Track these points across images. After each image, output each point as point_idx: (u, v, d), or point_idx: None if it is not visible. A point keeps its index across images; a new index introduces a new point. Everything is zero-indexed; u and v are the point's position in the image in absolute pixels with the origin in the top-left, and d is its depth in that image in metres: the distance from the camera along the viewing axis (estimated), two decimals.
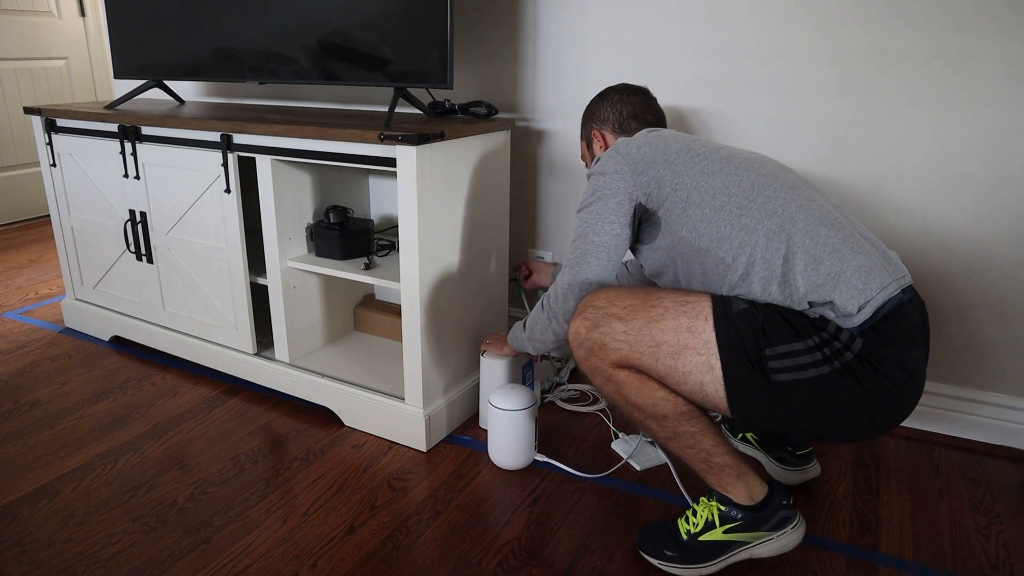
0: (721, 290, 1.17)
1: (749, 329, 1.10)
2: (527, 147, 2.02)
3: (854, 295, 1.07)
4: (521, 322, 1.50)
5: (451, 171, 1.60)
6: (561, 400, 1.87)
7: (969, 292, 1.63)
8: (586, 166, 1.57)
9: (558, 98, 1.93)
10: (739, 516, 1.24)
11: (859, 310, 1.07)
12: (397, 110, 2.14)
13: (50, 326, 2.36)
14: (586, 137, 1.54)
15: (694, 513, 1.28)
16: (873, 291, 1.08)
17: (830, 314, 1.09)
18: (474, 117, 1.80)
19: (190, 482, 1.53)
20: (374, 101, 2.19)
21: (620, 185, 1.25)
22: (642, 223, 1.28)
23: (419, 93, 2.06)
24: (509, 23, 1.94)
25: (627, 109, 1.46)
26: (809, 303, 1.10)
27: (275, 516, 1.42)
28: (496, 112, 1.81)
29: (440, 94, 2.07)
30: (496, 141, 1.75)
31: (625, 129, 1.46)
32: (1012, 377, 1.65)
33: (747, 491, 1.23)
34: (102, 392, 1.92)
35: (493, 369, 1.67)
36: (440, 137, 1.52)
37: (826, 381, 1.08)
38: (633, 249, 1.34)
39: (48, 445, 1.67)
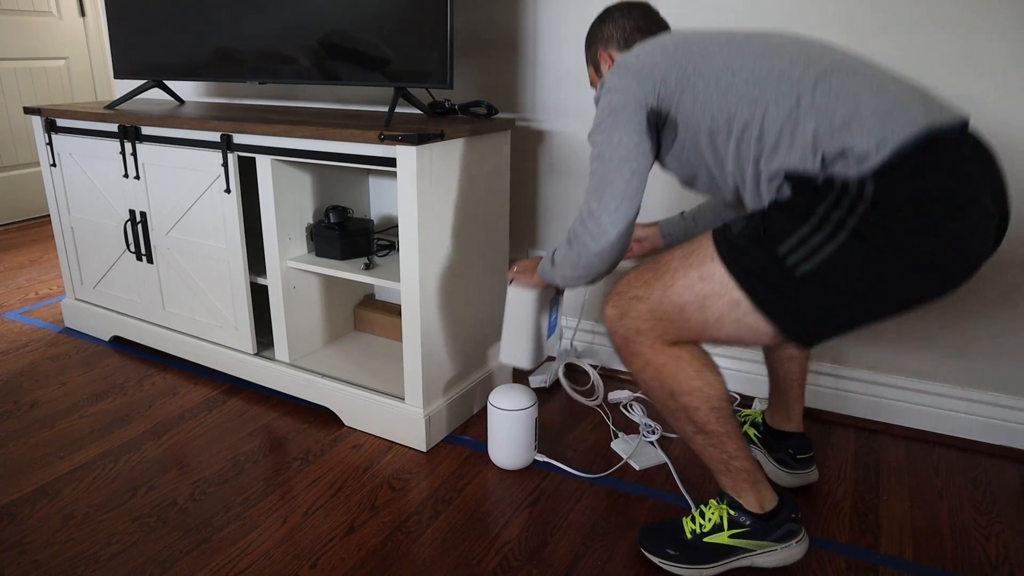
0: (749, 168, 1.10)
1: (753, 242, 1.05)
2: (527, 147, 2.02)
3: (867, 136, 0.97)
4: (550, 254, 1.41)
5: (451, 171, 1.60)
6: (565, 379, 1.87)
7: (969, 290, 1.63)
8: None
9: (558, 98, 1.93)
10: (747, 523, 1.23)
11: (877, 150, 0.96)
12: (397, 110, 2.14)
13: (50, 326, 2.36)
14: (592, 61, 1.47)
15: (702, 514, 1.28)
16: (894, 127, 0.96)
17: (841, 171, 0.98)
18: (474, 117, 1.80)
19: (190, 482, 1.53)
20: (374, 101, 2.19)
21: (628, 95, 1.19)
22: (660, 131, 1.21)
23: (419, 93, 2.06)
24: (509, 23, 1.94)
25: (630, 23, 1.40)
26: (823, 157, 1.00)
27: (275, 516, 1.42)
28: (496, 112, 1.81)
29: (440, 94, 2.07)
30: (496, 141, 1.75)
31: (631, 43, 1.39)
32: (1012, 377, 1.65)
33: (758, 499, 1.23)
34: (102, 392, 1.92)
35: (521, 300, 1.52)
36: (440, 137, 1.52)
37: (849, 249, 0.98)
38: (661, 164, 1.28)
39: (48, 445, 1.67)
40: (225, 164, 1.77)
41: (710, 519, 1.26)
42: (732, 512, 1.24)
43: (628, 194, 1.21)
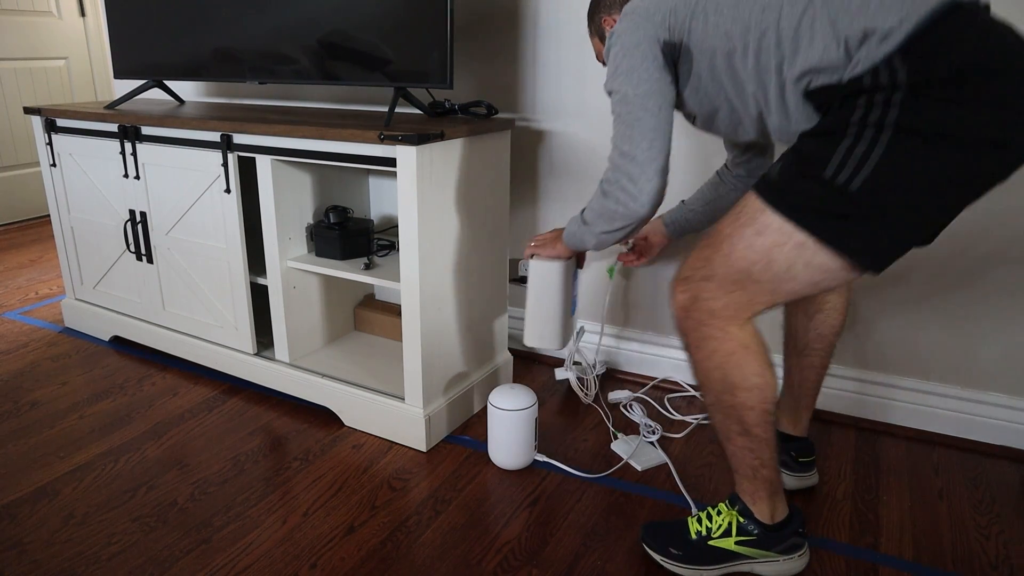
0: (772, 80, 1.07)
1: (797, 177, 1.02)
2: (527, 147, 2.02)
3: (888, 14, 0.94)
4: (578, 216, 1.34)
5: (451, 171, 1.60)
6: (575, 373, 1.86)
7: (970, 291, 1.63)
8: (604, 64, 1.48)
9: (558, 98, 1.93)
10: (755, 531, 1.23)
11: (900, 25, 0.93)
12: (397, 110, 2.14)
13: (50, 326, 2.36)
14: (598, 32, 1.43)
15: (709, 517, 1.27)
16: (915, 2, 0.93)
17: (866, 58, 0.95)
18: (474, 117, 1.80)
19: (190, 482, 1.53)
20: (374, 101, 2.19)
21: (640, 34, 1.16)
22: (676, 65, 1.18)
23: (419, 93, 2.06)
24: (509, 23, 1.94)
25: None
26: (846, 44, 0.97)
27: (275, 516, 1.42)
28: (496, 112, 1.81)
29: (440, 94, 2.07)
30: (496, 141, 1.75)
31: None
32: (1012, 377, 1.65)
33: (771, 510, 1.23)
34: (102, 392, 1.92)
35: (547, 274, 1.46)
36: (440, 137, 1.52)
37: (898, 147, 0.94)
38: (680, 105, 1.24)
39: (48, 445, 1.67)
40: (225, 164, 1.77)
41: (718, 523, 1.25)
42: (741, 519, 1.24)
43: (659, 128, 1.16)
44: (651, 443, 1.66)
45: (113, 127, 1.96)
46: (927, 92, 0.92)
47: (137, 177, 1.96)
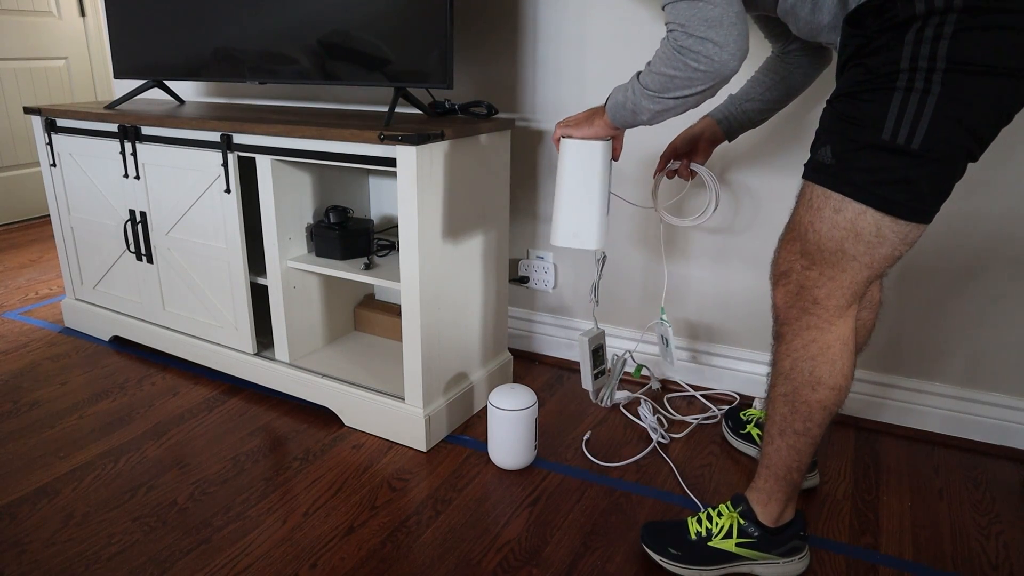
0: None
1: (852, 150, 0.99)
2: (527, 147, 2.02)
3: None
4: (630, 83, 1.12)
5: (451, 171, 1.60)
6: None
7: (970, 291, 1.63)
8: None
9: (558, 98, 1.93)
10: (755, 534, 1.23)
11: None
12: (397, 110, 2.14)
13: (50, 326, 2.36)
14: None
15: (709, 518, 1.27)
16: None
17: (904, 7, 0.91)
18: (474, 117, 1.80)
19: (190, 482, 1.53)
20: (374, 101, 2.19)
21: None
22: None
23: (419, 93, 2.06)
24: (509, 23, 1.94)
25: None
26: None
27: (275, 516, 1.42)
28: (496, 112, 1.81)
29: (440, 94, 2.07)
30: (496, 141, 1.75)
31: None
32: (1012, 377, 1.65)
33: (779, 513, 1.22)
34: (102, 392, 1.92)
35: (587, 156, 1.25)
36: (440, 137, 1.52)
37: (950, 87, 0.91)
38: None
39: (48, 445, 1.67)
40: (225, 164, 1.77)
41: (719, 525, 1.25)
42: (742, 521, 1.24)
43: None
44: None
45: (113, 127, 1.96)
46: (978, 16, 0.87)
47: (137, 177, 1.96)
